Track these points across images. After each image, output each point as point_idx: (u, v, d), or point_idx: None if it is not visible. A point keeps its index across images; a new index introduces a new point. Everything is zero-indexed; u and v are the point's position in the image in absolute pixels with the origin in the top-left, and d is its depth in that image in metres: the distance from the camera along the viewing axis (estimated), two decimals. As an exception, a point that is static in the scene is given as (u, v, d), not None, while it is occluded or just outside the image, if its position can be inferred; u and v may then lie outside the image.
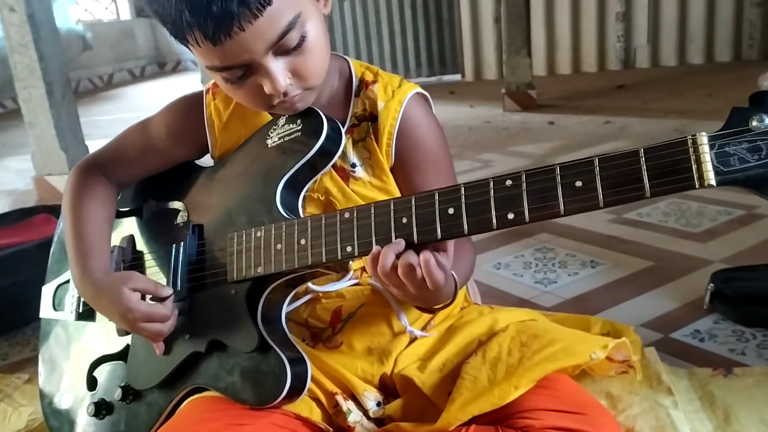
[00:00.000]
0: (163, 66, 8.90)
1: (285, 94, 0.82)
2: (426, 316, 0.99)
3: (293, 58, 0.81)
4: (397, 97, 0.93)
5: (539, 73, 4.91)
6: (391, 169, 0.94)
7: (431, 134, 0.95)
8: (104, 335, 1.04)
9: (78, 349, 1.08)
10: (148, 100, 6.03)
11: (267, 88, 0.81)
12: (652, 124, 3.14)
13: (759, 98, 0.58)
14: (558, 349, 0.89)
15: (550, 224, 2.01)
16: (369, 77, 0.95)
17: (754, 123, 0.58)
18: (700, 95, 3.74)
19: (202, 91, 1.01)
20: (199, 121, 1.00)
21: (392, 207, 0.76)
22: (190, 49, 0.82)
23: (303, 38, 0.80)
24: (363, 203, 0.88)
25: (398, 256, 0.75)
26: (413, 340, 0.97)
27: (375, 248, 0.76)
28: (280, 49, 0.79)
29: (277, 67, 0.80)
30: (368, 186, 0.93)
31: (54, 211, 2.06)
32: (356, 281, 0.96)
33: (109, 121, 4.93)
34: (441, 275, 0.74)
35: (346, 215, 0.79)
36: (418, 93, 0.95)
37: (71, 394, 1.07)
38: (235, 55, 0.78)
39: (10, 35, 2.78)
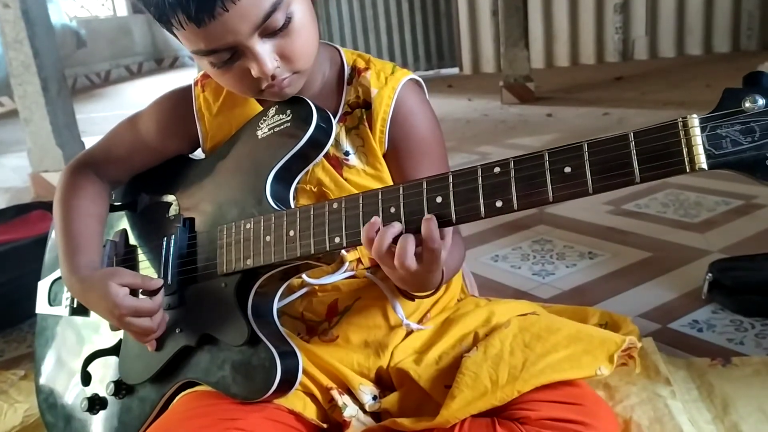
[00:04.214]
0: (161, 62, 8.88)
1: (273, 77, 0.81)
2: (422, 309, 0.98)
3: (280, 40, 0.80)
4: (390, 84, 0.92)
5: (537, 66, 4.90)
6: (384, 156, 0.93)
7: (425, 121, 0.95)
8: (98, 330, 1.04)
9: (73, 345, 1.08)
10: (145, 96, 6.01)
11: (254, 72, 0.80)
12: (651, 116, 3.13)
13: (753, 78, 0.57)
14: (563, 357, 0.87)
15: (547, 216, 2.01)
16: (361, 64, 0.94)
17: (747, 104, 0.56)
18: (699, 86, 3.73)
19: (190, 85, 1.00)
20: (188, 114, 0.99)
21: (380, 196, 0.75)
22: (174, 34, 0.81)
23: (289, 19, 0.79)
24: (357, 192, 0.87)
25: (395, 239, 0.73)
26: (409, 333, 0.97)
27: (368, 229, 0.73)
28: (265, 30, 0.78)
29: (264, 50, 0.79)
30: (362, 174, 0.92)
31: (50, 207, 2.03)
32: (352, 273, 0.95)
33: (106, 117, 4.91)
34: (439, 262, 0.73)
35: (335, 206, 0.78)
36: (411, 79, 0.95)
37: (66, 389, 1.06)
38: (220, 38, 0.77)
39: (4, 32, 2.77)
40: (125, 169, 1.05)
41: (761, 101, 0.56)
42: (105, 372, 1.01)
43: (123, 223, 1.07)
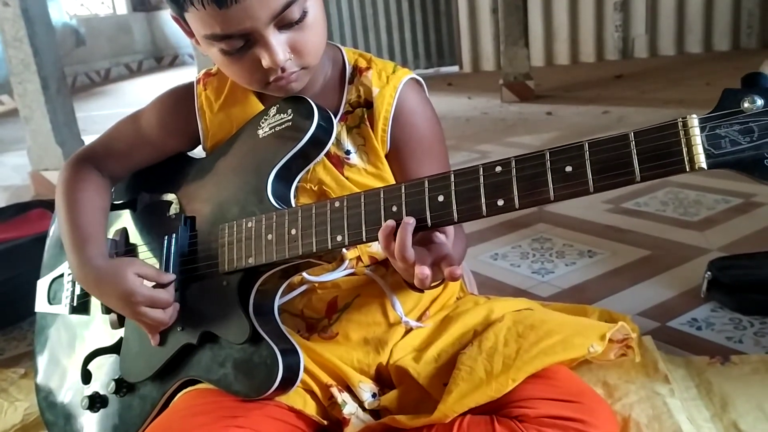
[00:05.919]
0: (160, 60, 8.87)
1: (283, 69, 0.82)
2: (421, 307, 0.99)
3: (294, 33, 0.81)
4: (391, 83, 0.93)
5: (537, 64, 4.90)
6: (386, 156, 0.94)
7: (426, 120, 0.95)
8: (98, 328, 1.04)
9: (73, 343, 1.08)
10: (145, 94, 6.01)
11: (265, 62, 0.81)
12: (650, 114, 3.13)
13: (751, 79, 0.57)
14: (556, 341, 0.88)
15: (547, 214, 2.01)
16: (362, 64, 0.95)
17: (746, 104, 0.57)
18: (699, 84, 3.73)
19: (192, 82, 1.00)
20: (189, 112, 0.99)
21: (382, 195, 0.76)
22: (184, 18, 0.81)
23: (304, 13, 0.81)
24: (358, 191, 0.87)
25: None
26: (409, 330, 0.97)
27: (389, 224, 0.74)
28: (281, 21, 0.79)
29: (278, 40, 0.80)
30: (363, 173, 0.93)
31: (49, 205, 2.05)
32: (351, 271, 0.95)
33: (106, 116, 4.91)
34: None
35: (336, 204, 0.79)
36: (412, 78, 0.95)
37: (66, 387, 1.07)
38: (238, 22, 0.77)
39: (4, 30, 2.77)
40: (125, 165, 1.05)
41: (759, 101, 0.57)
42: (105, 370, 1.01)
43: (123, 221, 1.07)
